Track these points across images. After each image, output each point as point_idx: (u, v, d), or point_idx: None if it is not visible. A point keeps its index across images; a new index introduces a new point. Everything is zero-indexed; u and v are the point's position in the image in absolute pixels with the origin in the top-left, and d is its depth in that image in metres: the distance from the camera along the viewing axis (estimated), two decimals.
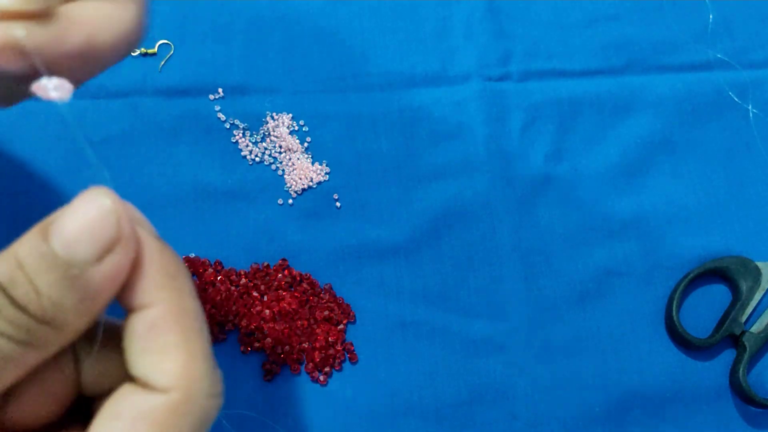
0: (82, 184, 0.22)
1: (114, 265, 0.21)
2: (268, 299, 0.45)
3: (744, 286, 0.47)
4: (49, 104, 0.23)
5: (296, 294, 0.46)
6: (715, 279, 0.49)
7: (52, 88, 0.23)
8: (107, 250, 0.20)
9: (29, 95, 0.24)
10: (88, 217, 0.20)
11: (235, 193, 0.48)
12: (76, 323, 0.21)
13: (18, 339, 0.20)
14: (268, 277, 0.46)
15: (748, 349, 0.46)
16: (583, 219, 0.50)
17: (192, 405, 0.21)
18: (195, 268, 0.46)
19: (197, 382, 0.21)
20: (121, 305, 0.22)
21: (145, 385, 0.21)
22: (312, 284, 0.46)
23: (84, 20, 0.24)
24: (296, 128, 0.50)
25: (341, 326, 0.46)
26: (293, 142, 0.50)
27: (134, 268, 0.21)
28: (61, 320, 0.20)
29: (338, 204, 0.49)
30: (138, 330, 0.21)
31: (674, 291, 0.47)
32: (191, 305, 0.22)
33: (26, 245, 0.20)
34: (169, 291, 0.22)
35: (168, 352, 0.21)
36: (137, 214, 0.23)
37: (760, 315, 0.47)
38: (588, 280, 0.48)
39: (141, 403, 0.21)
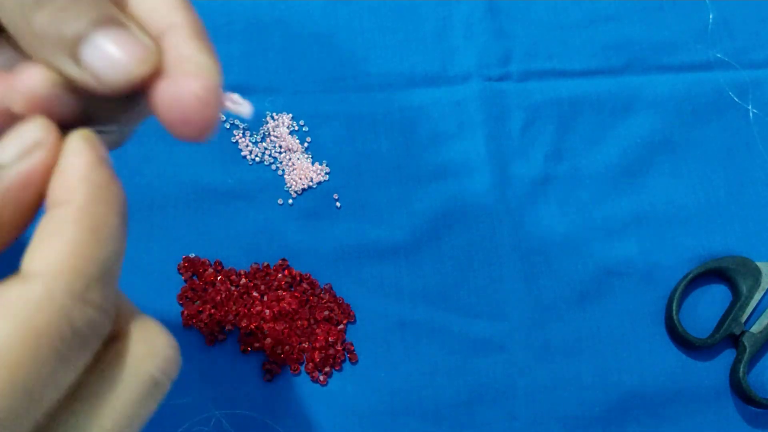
0: None
1: (30, 163, 0.21)
2: (268, 299, 0.45)
3: (744, 286, 0.47)
4: None
5: (296, 294, 0.46)
6: (715, 279, 0.49)
7: (242, 104, 0.25)
8: (26, 152, 0.21)
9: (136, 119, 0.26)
10: (18, 130, 0.22)
11: (235, 193, 0.48)
12: None
13: None
14: (268, 277, 0.46)
15: (748, 349, 0.46)
16: (583, 219, 0.50)
17: (50, 301, 0.19)
18: (195, 268, 0.46)
19: (65, 276, 0.20)
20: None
21: (20, 276, 0.20)
22: (312, 284, 0.46)
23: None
24: (296, 128, 0.50)
25: (341, 326, 0.46)
26: (293, 142, 0.50)
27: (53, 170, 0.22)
28: None
29: (338, 204, 0.49)
30: (41, 223, 0.21)
31: (674, 291, 0.47)
32: (105, 217, 0.21)
33: None
34: (84, 195, 0.21)
35: (51, 240, 0.20)
36: (87, 133, 0.23)
37: (760, 315, 0.47)
38: (588, 280, 0.48)
39: (7, 292, 0.19)
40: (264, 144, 0.50)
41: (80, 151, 0.22)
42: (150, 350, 0.22)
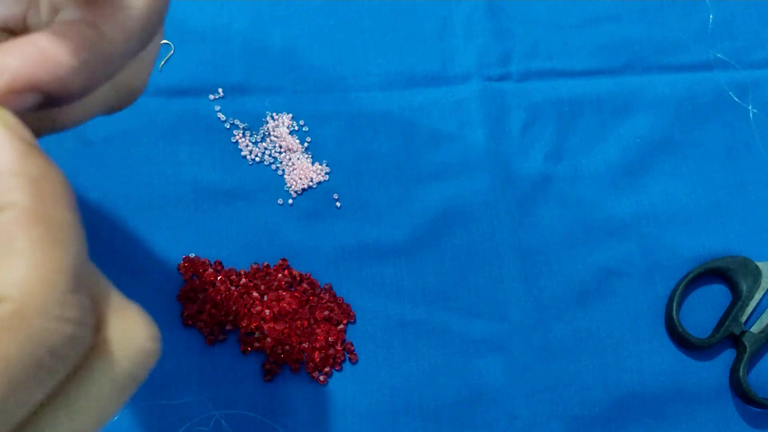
0: (82, 185, 0.23)
1: None
2: (268, 299, 0.45)
3: (744, 286, 0.47)
4: None
5: (296, 294, 0.46)
6: (715, 279, 0.49)
7: None
8: None
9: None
10: None
11: (235, 193, 0.48)
12: None
13: None
14: (268, 277, 0.46)
15: (748, 349, 0.46)
16: (583, 219, 0.50)
17: (27, 322, 0.18)
18: (195, 268, 0.46)
19: (39, 295, 0.18)
20: None
21: None
22: (312, 284, 0.46)
23: None
24: (296, 128, 0.50)
25: (341, 326, 0.46)
26: (293, 142, 0.50)
27: None
28: None
29: (338, 204, 0.49)
30: None
31: (674, 291, 0.47)
32: (58, 215, 0.19)
33: None
34: (26, 194, 0.18)
35: (10, 259, 0.18)
36: (9, 119, 0.20)
37: (760, 315, 0.47)
38: (588, 280, 0.48)
39: None
40: (264, 144, 0.50)
41: (3, 141, 0.19)
42: (129, 344, 0.20)
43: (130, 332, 0.21)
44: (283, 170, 0.49)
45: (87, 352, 0.20)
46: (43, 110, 0.22)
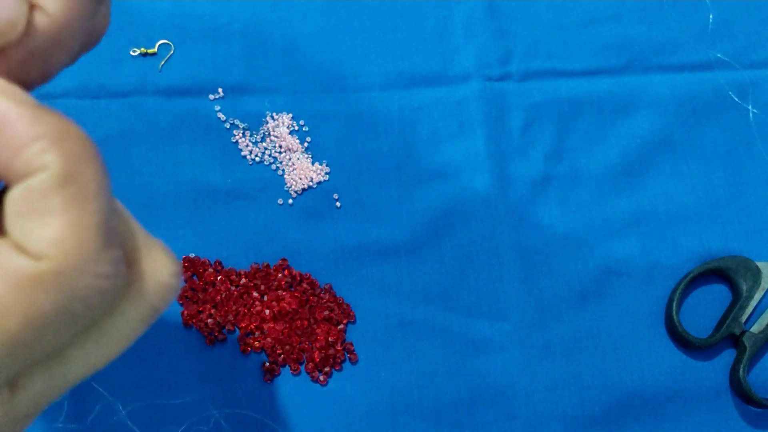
0: None
1: None
2: (268, 299, 0.45)
3: (744, 286, 0.47)
4: (52, 104, 0.23)
5: (296, 294, 0.46)
6: (715, 279, 0.49)
7: None
8: None
9: None
10: None
11: (235, 193, 0.48)
12: None
13: None
14: (268, 277, 0.46)
15: (748, 349, 0.46)
16: (583, 219, 0.50)
17: (63, 279, 0.18)
18: (195, 268, 0.46)
19: (75, 254, 0.18)
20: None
21: (18, 248, 0.19)
22: (312, 284, 0.46)
23: None
24: (296, 128, 0.50)
25: (341, 326, 0.46)
26: (293, 142, 0.50)
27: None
28: None
29: (338, 204, 0.49)
30: (15, 195, 0.19)
31: (674, 291, 0.47)
32: (87, 170, 0.19)
33: None
34: (54, 155, 0.19)
35: (47, 218, 0.18)
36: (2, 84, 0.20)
37: (760, 315, 0.47)
38: (588, 280, 0.48)
39: (7, 260, 0.18)
40: (264, 144, 0.50)
41: (9, 110, 0.19)
42: (155, 280, 0.22)
43: (157, 269, 0.22)
44: (283, 170, 0.49)
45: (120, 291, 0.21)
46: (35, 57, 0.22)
